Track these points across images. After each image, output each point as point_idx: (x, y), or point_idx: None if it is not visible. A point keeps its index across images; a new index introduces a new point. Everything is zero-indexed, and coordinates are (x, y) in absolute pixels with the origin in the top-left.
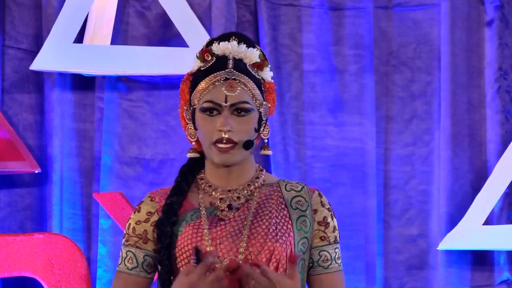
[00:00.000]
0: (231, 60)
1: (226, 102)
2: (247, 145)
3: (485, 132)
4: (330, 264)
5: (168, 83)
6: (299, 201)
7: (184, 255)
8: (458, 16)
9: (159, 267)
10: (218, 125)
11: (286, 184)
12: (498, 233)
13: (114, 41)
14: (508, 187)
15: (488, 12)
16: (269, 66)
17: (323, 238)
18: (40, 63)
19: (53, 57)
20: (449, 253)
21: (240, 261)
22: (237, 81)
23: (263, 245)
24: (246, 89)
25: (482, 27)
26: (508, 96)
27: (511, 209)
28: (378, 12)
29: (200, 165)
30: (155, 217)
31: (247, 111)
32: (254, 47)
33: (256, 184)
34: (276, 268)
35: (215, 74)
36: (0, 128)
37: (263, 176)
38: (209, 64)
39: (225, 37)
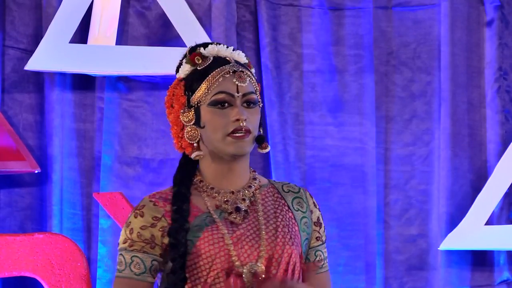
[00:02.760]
0: (229, 57)
1: (238, 92)
2: (261, 140)
3: (485, 132)
4: (323, 263)
5: (168, 83)
6: (299, 202)
7: (206, 261)
8: (458, 16)
9: (171, 275)
10: (234, 115)
11: (282, 185)
12: (500, 233)
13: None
14: (508, 187)
15: (488, 12)
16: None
17: (318, 238)
18: (35, 63)
19: (49, 57)
20: (449, 253)
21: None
22: (245, 73)
23: (283, 249)
24: (252, 81)
25: (482, 27)
26: (508, 96)
27: (511, 209)
28: (378, 12)
29: (192, 169)
30: (163, 222)
31: (255, 103)
32: (235, 50)
33: (255, 185)
34: (293, 271)
35: (222, 67)
36: (0, 128)
37: (258, 177)
38: (207, 64)
39: (206, 44)
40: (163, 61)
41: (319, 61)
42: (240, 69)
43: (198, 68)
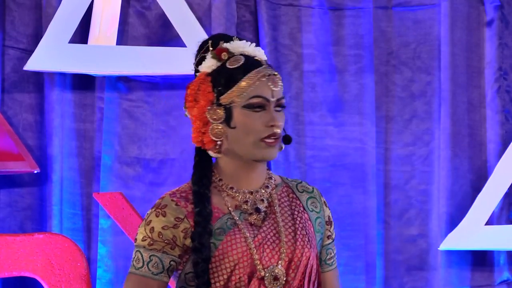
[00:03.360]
0: (260, 59)
1: (273, 97)
2: (288, 140)
3: (485, 132)
4: (333, 261)
5: (168, 83)
6: (313, 202)
7: (228, 264)
8: (458, 16)
9: (194, 279)
10: (268, 120)
11: (296, 185)
12: (500, 233)
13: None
14: (509, 187)
15: (488, 12)
16: None
17: (329, 236)
18: (34, 63)
19: (48, 57)
20: (449, 253)
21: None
22: (277, 76)
23: (302, 252)
24: (282, 84)
25: (482, 27)
26: (508, 96)
27: (511, 209)
28: (378, 12)
29: (208, 166)
30: (185, 224)
31: (283, 106)
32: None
33: (271, 185)
34: (310, 273)
35: (257, 70)
36: (0, 128)
37: (273, 176)
38: (240, 63)
39: (227, 37)
40: (163, 61)
41: (319, 61)
42: (273, 73)
43: (230, 66)
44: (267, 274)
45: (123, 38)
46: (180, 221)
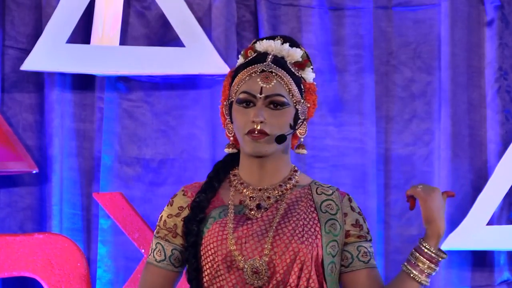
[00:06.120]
0: (271, 55)
1: (260, 93)
2: (280, 139)
3: (485, 132)
4: (370, 259)
5: (168, 83)
6: (329, 204)
7: (209, 253)
8: (458, 16)
9: (187, 265)
10: (251, 116)
11: (317, 187)
12: (501, 233)
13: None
14: (510, 187)
15: (488, 12)
16: (312, 67)
17: (359, 236)
18: (32, 63)
19: (46, 57)
20: (449, 253)
21: None
22: (274, 74)
23: (288, 246)
24: (282, 82)
25: (482, 27)
26: (508, 96)
27: (511, 209)
28: (378, 12)
29: (236, 162)
30: (186, 212)
31: (282, 104)
32: (298, 47)
33: (288, 185)
34: (301, 270)
35: (252, 66)
36: (0, 128)
37: (296, 177)
38: (247, 60)
39: (270, 37)
40: (163, 61)
41: (319, 61)
42: (269, 70)
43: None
44: (246, 266)
45: (123, 38)
46: (182, 210)
